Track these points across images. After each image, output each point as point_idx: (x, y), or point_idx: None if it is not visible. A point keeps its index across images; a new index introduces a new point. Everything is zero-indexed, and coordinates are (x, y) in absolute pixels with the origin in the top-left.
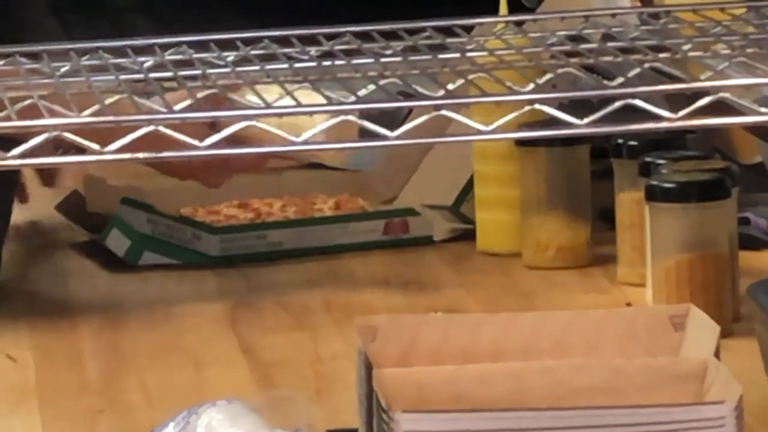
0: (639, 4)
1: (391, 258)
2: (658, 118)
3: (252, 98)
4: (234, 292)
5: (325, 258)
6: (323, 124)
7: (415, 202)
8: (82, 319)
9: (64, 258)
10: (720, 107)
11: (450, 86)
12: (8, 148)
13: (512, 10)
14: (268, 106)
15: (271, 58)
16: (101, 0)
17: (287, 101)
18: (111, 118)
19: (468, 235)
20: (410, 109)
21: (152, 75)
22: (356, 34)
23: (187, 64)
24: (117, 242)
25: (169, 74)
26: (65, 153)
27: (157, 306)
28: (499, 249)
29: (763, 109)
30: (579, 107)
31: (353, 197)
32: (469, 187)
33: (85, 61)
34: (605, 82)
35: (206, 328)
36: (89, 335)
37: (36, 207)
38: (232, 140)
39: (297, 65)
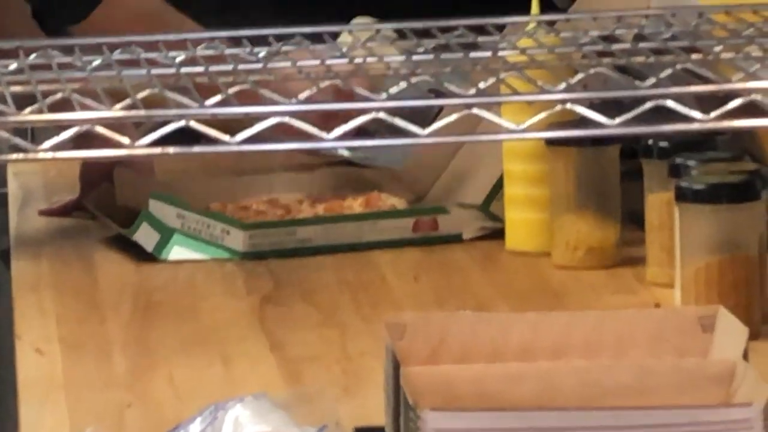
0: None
1: (420, 255)
2: (689, 119)
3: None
4: (262, 288)
5: (354, 255)
6: (355, 120)
7: (445, 200)
8: (110, 312)
9: (93, 251)
10: (751, 109)
11: (482, 85)
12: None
13: (543, 10)
14: (300, 102)
15: (303, 54)
16: None
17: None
18: (142, 112)
19: (497, 234)
20: (441, 108)
21: (184, 70)
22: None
23: (219, 59)
24: (146, 236)
25: (200, 69)
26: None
27: (186, 300)
28: (528, 248)
29: None
30: (610, 107)
31: (383, 195)
32: (498, 185)
33: (117, 55)
34: (637, 82)
35: (234, 323)
36: (117, 329)
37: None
38: None
39: (330, 62)
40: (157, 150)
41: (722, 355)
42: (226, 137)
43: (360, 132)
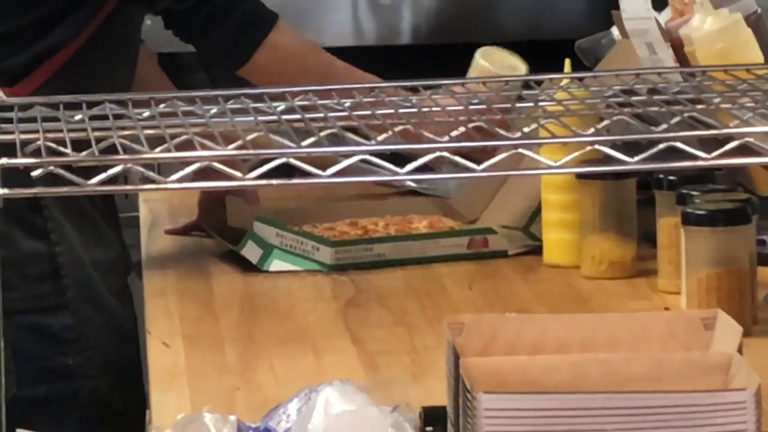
0: (678, 64)
1: (473, 268)
2: (695, 157)
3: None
4: (346, 294)
5: (420, 267)
6: (423, 158)
7: (494, 223)
8: (222, 313)
9: (208, 264)
10: (744, 149)
11: (525, 129)
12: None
13: (574, 69)
14: (378, 143)
15: (382, 104)
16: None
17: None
18: (251, 151)
19: (536, 251)
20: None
21: (284, 117)
22: (451, 86)
23: (312, 108)
24: (251, 252)
25: (297, 116)
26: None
27: (283, 304)
28: (561, 262)
29: None
30: (629, 148)
31: (443, 218)
32: (537, 211)
33: (230, 105)
34: (652, 128)
35: (323, 322)
36: (228, 327)
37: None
38: None
39: (401, 111)
40: (263, 182)
41: (721, 349)
42: (318, 171)
43: (424, 168)
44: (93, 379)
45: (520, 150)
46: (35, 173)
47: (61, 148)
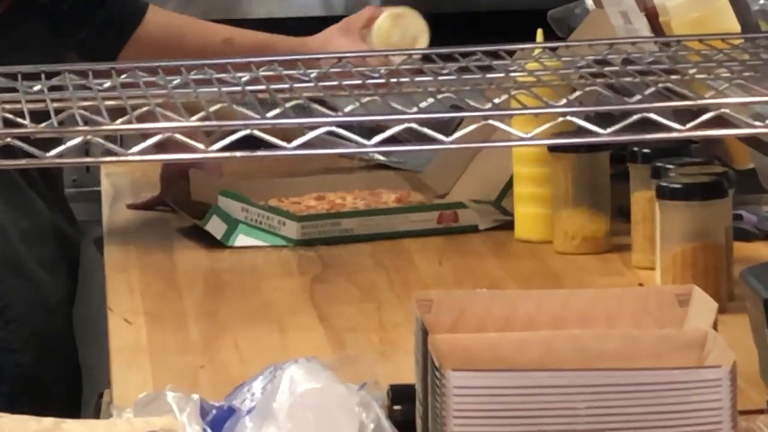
0: (653, 34)
1: (443, 243)
2: (669, 129)
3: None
4: (312, 270)
5: (389, 242)
6: (390, 130)
7: (464, 197)
8: (186, 290)
9: (171, 239)
10: (720, 121)
11: (496, 100)
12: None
13: (547, 39)
14: (345, 114)
15: (349, 75)
16: None
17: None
18: (214, 122)
19: (507, 226)
20: (461, 119)
21: (248, 88)
22: (419, 57)
23: (277, 79)
24: (216, 227)
25: (262, 87)
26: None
27: (248, 280)
28: (533, 237)
29: (756, 123)
30: (602, 120)
31: (412, 192)
32: (509, 185)
33: (193, 75)
34: (625, 99)
35: (289, 299)
36: (192, 303)
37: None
38: None
39: (368, 81)
40: (227, 154)
41: (696, 325)
42: (283, 143)
43: (392, 140)
44: (16, 353)
45: (491, 121)
46: None
47: (19, 120)
